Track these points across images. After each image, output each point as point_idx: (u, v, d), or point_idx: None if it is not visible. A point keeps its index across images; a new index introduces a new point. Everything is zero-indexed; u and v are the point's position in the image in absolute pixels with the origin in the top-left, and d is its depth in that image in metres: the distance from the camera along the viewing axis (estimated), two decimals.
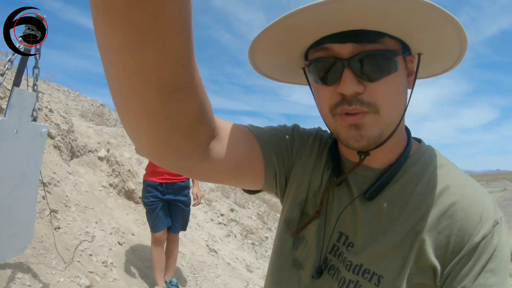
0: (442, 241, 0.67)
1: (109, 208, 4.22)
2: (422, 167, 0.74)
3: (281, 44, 0.70)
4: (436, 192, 0.71)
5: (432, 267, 0.67)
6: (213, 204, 7.11)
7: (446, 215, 0.68)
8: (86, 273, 2.82)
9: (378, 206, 0.73)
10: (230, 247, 5.67)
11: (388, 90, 0.65)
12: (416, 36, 0.66)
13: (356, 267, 0.71)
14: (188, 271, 3.91)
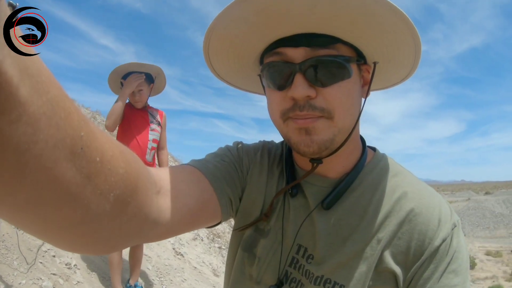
0: (403, 247, 0.69)
1: None
2: (378, 175, 0.75)
3: (234, 46, 0.69)
4: (394, 199, 0.72)
5: (393, 273, 0.69)
6: None
7: (405, 221, 0.70)
8: (49, 275, 2.74)
9: (337, 216, 0.73)
10: (196, 250, 5.63)
11: (341, 96, 0.64)
12: (371, 41, 0.65)
13: (317, 278, 0.72)
14: (154, 274, 3.86)
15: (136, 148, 2.90)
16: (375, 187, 0.74)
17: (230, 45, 0.68)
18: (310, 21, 0.59)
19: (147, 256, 4.01)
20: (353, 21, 0.59)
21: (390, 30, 0.61)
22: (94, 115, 9.04)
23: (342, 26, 0.60)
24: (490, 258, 49.85)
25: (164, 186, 0.62)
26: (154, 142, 3.03)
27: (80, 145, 0.33)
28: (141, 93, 2.90)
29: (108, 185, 0.39)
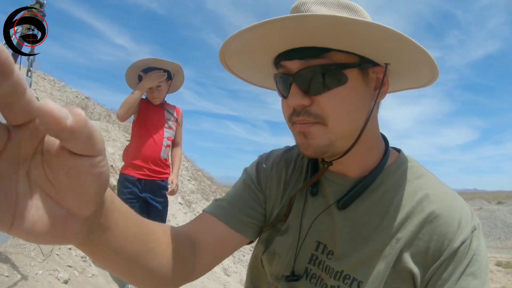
0: (422, 247, 0.69)
1: None
2: (401, 176, 0.76)
3: (252, 55, 0.75)
4: (416, 200, 0.73)
5: (411, 273, 0.69)
6: (193, 206, 7.06)
7: (426, 222, 0.70)
8: (65, 267, 2.77)
9: (357, 215, 0.75)
10: None
11: (336, 103, 0.67)
12: (370, 49, 0.66)
13: (337, 273, 0.73)
14: None
15: (151, 145, 2.90)
16: (397, 188, 0.75)
17: (247, 55, 0.75)
18: (299, 37, 0.64)
19: None
20: (334, 34, 0.62)
21: (372, 38, 0.63)
22: (109, 113, 9.12)
23: (325, 40, 0.64)
24: (500, 269, 48.98)
25: (194, 240, 0.78)
26: (169, 139, 3.01)
27: (151, 245, 0.63)
28: (159, 89, 2.88)
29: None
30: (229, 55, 0.75)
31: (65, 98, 7.80)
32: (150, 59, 2.77)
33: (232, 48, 0.71)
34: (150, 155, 2.89)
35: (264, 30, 0.62)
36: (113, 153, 5.26)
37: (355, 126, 0.70)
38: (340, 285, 0.73)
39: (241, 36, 0.66)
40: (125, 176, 2.88)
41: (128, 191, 2.85)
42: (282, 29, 0.62)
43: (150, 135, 2.89)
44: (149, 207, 2.99)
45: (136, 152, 2.88)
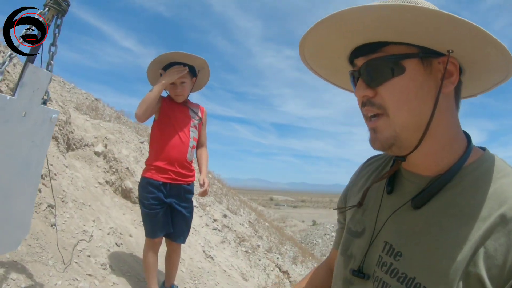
0: (499, 260, 0.62)
1: (105, 206, 3.98)
2: (481, 176, 0.71)
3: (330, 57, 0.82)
4: (495, 203, 0.66)
5: (484, 285, 0.62)
6: (207, 209, 6.90)
7: (504, 231, 0.63)
8: (85, 275, 2.59)
9: (428, 214, 0.72)
10: (225, 253, 5.47)
11: (394, 92, 0.71)
12: (428, 38, 0.68)
13: (404, 278, 0.70)
14: (188, 277, 3.69)
15: (178, 146, 2.69)
16: (476, 188, 0.70)
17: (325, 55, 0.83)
18: (357, 37, 0.73)
19: (181, 258, 3.85)
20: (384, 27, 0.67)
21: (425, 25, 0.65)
22: (118, 115, 9.00)
23: (379, 34, 0.70)
24: None
25: None
26: (195, 140, 2.82)
27: None
28: (183, 85, 2.68)
29: None
30: (309, 57, 0.84)
31: (75, 100, 7.68)
32: (174, 53, 2.57)
33: (309, 51, 0.81)
34: (177, 157, 2.68)
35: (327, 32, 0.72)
36: (127, 155, 5.10)
37: (418, 116, 0.71)
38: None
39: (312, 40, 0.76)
40: (148, 180, 2.65)
41: (152, 196, 2.63)
42: (342, 30, 0.71)
43: (175, 135, 2.68)
44: (174, 212, 2.78)
45: (161, 154, 2.66)
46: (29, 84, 1.65)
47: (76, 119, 5.34)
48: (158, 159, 2.66)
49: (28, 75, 1.64)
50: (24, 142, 1.68)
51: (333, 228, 25.30)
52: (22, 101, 1.61)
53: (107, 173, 4.66)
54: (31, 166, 1.78)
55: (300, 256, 9.46)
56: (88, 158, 4.70)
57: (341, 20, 0.67)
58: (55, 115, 1.88)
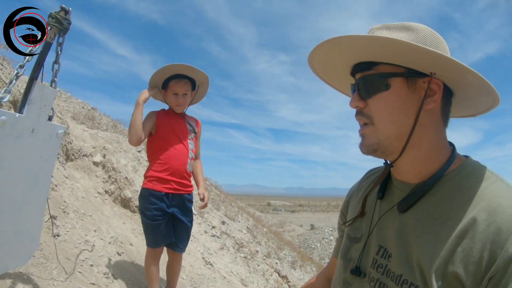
0: (475, 257, 0.68)
1: (106, 216, 4.04)
2: (460, 182, 0.78)
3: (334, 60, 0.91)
4: (471, 206, 0.73)
5: (461, 282, 0.68)
6: (205, 216, 6.95)
7: (479, 230, 0.69)
8: (88, 284, 2.65)
9: (413, 218, 0.80)
10: (224, 260, 5.52)
11: (380, 106, 0.82)
12: (414, 62, 0.79)
13: (397, 278, 0.78)
14: (188, 284, 3.75)
15: (179, 157, 2.75)
16: (456, 192, 0.76)
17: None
18: (355, 56, 0.85)
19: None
20: (377, 51, 0.80)
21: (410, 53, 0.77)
22: (115, 124, 9.04)
23: (372, 55, 0.82)
24: None
25: None
26: (193, 151, 2.88)
27: None
28: (185, 97, 2.76)
29: None
30: (318, 69, 0.96)
31: (72, 109, 7.72)
32: (178, 65, 2.64)
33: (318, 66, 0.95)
34: (178, 168, 2.75)
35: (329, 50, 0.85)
36: (126, 164, 5.15)
37: (400, 128, 0.81)
38: None
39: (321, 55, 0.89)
40: (151, 191, 2.69)
41: (154, 207, 2.67)
42: (341, 50, 0.84)
43: (176, 147, 2.75)
44: (176, 222, 2.83)
45: (162, 165, 2.72)
46: (36, 102, 1.72)
47: (74, 129, 5.40)
48: (160, 170, 2.71)
49: (36, 92, 1.71)
50: (33, 157, 1.75)
51: (331, 232, 25.34)
52: (30, 118, 1.68)
53: (106, 183, 4.71)
54: (40, 181, 1.85)
55: (299, 260, 9.51)
56: (87, 168, 4.75)
57: (339, 43, 0.81)
58: (61, 130, 1.95)
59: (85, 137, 5.43)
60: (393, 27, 0.84)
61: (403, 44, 0.74)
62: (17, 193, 1.67)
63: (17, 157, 1.62)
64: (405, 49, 0.75)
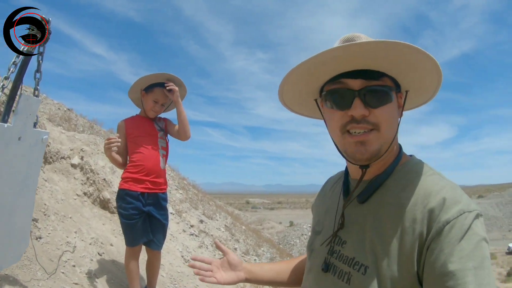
0: (417, 234, 0.80)
1: (86, 217, 4.10)
2: (406, 175, 0.91)
3: (307, 77, 0.93)
4: (415, 194, 0.85)
5: (412, 256, 0.79)
6: (183, 215, 7.03)
7: (419, 212, 0.81)
8: (71, 284, 2.74)
9: (368, 208, 0.92)
10: None
11: (386, 115, 0.88)
12: (406, 75, 0.90)
13: (350, 260, 0.89)
14: (168, 281, 3.87)
15: (151, 157, 2.94)
16: (405, 184, 0.89)
17: (307, 75, 0.93)
18: (365, 62, 0.85)
19: (161, 264, 4.01)
20: (396, 60, 0.85)
21: (422, 67, 0.87)
22: (91, 124, 8.99)
23: (389, 66, 0.86)
24: None
25: None
26: (164, 149, 3.07)
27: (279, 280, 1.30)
28: (162, 107, 3.02)
29: None
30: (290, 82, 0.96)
31: (47, 111, 7.65)
32: (169, 74, 2.90)
33: (298, 71, 0.90)
34: (152, 168, 2.93)
35: (333, 53, 0.83)
36: (103, 166, 5.20)
37: (393, 135, 0.91)
38: (351, 271, 0.87)
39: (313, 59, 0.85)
40: (127, 191, 2.86)
41: (131, 206, 2.83)
42: (349, 53, 0.82)
43: (146, 148, 2.94)
44: (152, 220, 2.98)
45: (136, 166, 2.90)
46: (22, 112, 1.82)
47: (52, 132, 5.40)
48: (135, 171, 2.89)
49: (22, 103, 1.81)
50: (22, 162, 1.85)
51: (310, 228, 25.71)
52: (18, 127, 1.78)
53: (84, 185, 4.76)
54: (28, 183, 1.95)
55: (278, 257, 9.69)
56: (66, 171, 4.79)
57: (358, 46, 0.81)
58: (45, 136, 2.05)
59: (63, 140, 5.44)
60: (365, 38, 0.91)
61: (420, 51, 0.80)
62: (8, 196, 1.77)
63: (6, 163, 1.72)
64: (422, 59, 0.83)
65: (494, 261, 48.95)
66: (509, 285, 37.09)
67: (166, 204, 3.12)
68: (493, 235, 65.49)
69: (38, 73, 2.06)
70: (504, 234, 65.00)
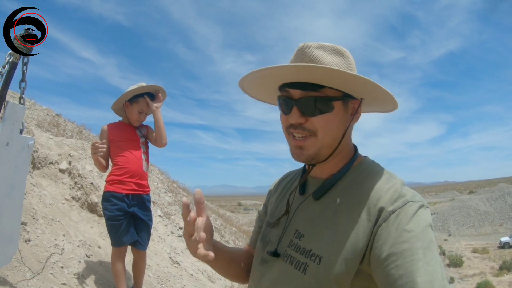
0: (369, 223, 0.87)
1: (74, 221, 4.19)
2: (359, 174, 1.00)
3: (262, 82, 1.03)
4: (366, 193, 0.93)
5: (362, 246, 0.86)
6: (172, 218, 7.12)
7: (371, 207, 0.89)
8: (60, 285, 2.84)
9: (323, 204, 0.99)
10: (191, 258, 5.73)
11: (323, 123, 0.94)
12: (350, 89, 0.94)
13: (307, 252, 0.94)
14: (155, 281, 3.97)
15: (134, 160, 3.09)
16: (357, 183, 0.97)
17: (260, 83, 1.05)
18: (303, 75, 0.92)
19: (147, 265, 4.11)
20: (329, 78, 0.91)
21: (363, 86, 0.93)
22: (80, 129, 9.04)
23: (322, 80, 0.92)
24: (477, 255, 50.40)
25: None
26: (145, 154, 3.23)
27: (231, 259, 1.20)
28: (145, 116, 3.20)
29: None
30: (247, 81, 1.04)
31: (36, 117, 7.70)
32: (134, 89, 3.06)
33: (251, 76, 1.00)
34: (136, 170, 3.08)
35: (278, 70, 0.93)
36: (91, 170, 5.29)
37: (335, 140, 0.97)
38: (307, 261, 0.93)
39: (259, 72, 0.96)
40: (112, 193, 3.00)
41: (116, 208, 2.97)
42: (292, 70, 0.92)
43: (129, 152, 3.10)
44: (137, 221, 3.12)
45: (121, 169, 3.04)
46: (9, 119, 1.93)
47: (40, 138, 5.48)
48: (119, 174, 3.04)
49: (9, 111, 1.92)
50: (9, 168, 1.96)
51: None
52: (5, 134, 1.89)
53: (72, 189, 4.85)
54: (16, 188, 2.05)
55: None
56: (54, 176, 4.87)
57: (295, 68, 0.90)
58: (31, 142, 2.16)
59: (51, 145, 5.52)
60: (328, 49, 0.96)
61: (349, 76, 0.87)
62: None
63: None
64: (351, 79, 0.88)
65: (486, 255, 49.44)
66: (502, 278, 37.51)
67: (150, 205, 3.27)
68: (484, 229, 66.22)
69: (23, 82, 2.17)
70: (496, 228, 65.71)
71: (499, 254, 48.39)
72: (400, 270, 0.76)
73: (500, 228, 65.30)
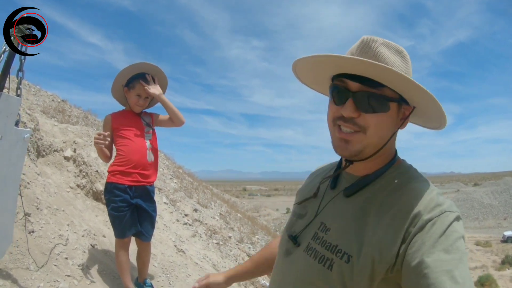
0: (402, 228, 0.86)
1: (78, 210, 4.17)
2: (393, 178, 0.98)
3: (316, 67, 1.01)
4: (403, 196, 0.92)
5: (393, 251, 0.85)
6: (178, 205, 7.11)
7: (405, 210, 0.88)
8: (64, 276, 2.81)
9: (356, 202, 0.98)
10: (196, 247, 5.73)
11: (376, 122, 0.92)
12: (410, 98, 0.94)
13: (333, 247, 0.94)
14: (160, 271, 3.95)
15: (138, 150, 3.01)
16: (388, 185, 0.97)
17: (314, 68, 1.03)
18: (368, 72, 0.90)
19: (152, 254, 4.09)
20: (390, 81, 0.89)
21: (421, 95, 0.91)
22: (86, 115, 9.01)
23: (385, 81, 0.90)
24: (479, 248, 50.44)
25: None
26: (151, 143, 3.13)
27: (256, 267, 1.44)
28: (146, 100, 3.06)
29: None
30: (301, 64, 1.02)
31: (41, 103, 7.67)
32: (145, 64, 2.96)
33: (310, 60, 0.98)
34: (139, 160, 2.99)
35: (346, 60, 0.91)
36: (96, 157, 5.24)
37: (381, 140, 0.96)
38: (333, 257, 0.93)
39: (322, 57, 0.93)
40: (115, 184, 2.94)
41: (119, 199, 2.92)
42: (358, 63, 0.88)
43: (133, 142, 3.01)
44: (141, 212, 3.07)
45: (124, 160, 2.97)
46: (3, 111, 1.86)
47: (44, 125, 5.43)
48: (122, 164, 2.97)
49: (2, 103, 1.85)
50: (2, 162, 1.90)
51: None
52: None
53: (77, 177, 4.82)
54: (10, 182, 2.00)
55: None
56: (58, 164, 4.84)
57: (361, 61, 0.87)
58: (27, 135, 2.10)
59: (55, 132, 5.47)
60: (392, 47, 0.94)
61: (413, 84, 0.86)
62: None
63: None
64: (413, 87, 0.87)
65: (489, 248, 49.42)
66: (503, 272, 37.55)
67: (154, 196, 3.20)
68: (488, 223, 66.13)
69: (20, 72, 2.10)
70: (499, 222, 65.65)
71: (502, 248, 48.40)
72: (429, 280, 0.76)
73: (504, 222, 65.23)
